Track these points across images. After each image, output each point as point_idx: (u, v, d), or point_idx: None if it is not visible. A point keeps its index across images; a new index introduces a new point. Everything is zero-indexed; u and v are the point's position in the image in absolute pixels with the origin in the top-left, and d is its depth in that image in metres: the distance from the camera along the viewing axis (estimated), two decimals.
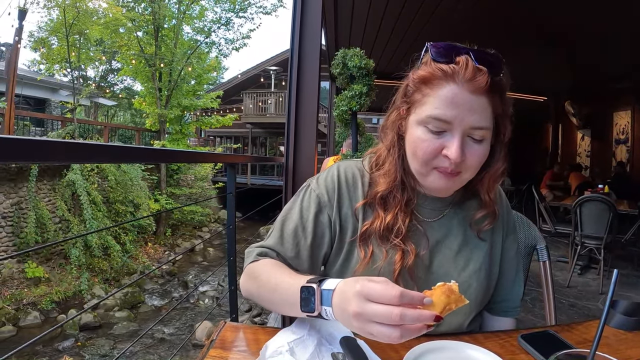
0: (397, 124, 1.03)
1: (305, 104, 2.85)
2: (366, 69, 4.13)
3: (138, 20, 15.16)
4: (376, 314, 0.68)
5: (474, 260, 1.09)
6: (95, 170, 11.85)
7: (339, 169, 1.13)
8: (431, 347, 0.86)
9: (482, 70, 0.89)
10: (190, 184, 16.88)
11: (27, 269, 9.54)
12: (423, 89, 0.94)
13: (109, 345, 8.28)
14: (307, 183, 1.15)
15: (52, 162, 1.07)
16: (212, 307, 10.10)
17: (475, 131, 0.91)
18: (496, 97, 0.92)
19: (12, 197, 9.80)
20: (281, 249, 1.07)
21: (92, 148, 1.20)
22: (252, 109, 21.98)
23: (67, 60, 13.66)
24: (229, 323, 1.04)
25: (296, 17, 2.83)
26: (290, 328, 0.90)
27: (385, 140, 1.08)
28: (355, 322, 0.70)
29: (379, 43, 6.35)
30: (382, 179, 1.07)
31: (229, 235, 2.58)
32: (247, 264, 1.08)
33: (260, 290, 0.99)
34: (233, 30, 17.85)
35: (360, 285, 0.71)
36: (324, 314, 0.78)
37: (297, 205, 1.11)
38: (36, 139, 0.86)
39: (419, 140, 0.94)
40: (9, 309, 8.67)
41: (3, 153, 0.81)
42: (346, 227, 1.08)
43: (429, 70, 0.93)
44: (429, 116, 0.91)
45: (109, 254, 11.34)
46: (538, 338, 0.95)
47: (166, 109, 15.62)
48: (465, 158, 0.91)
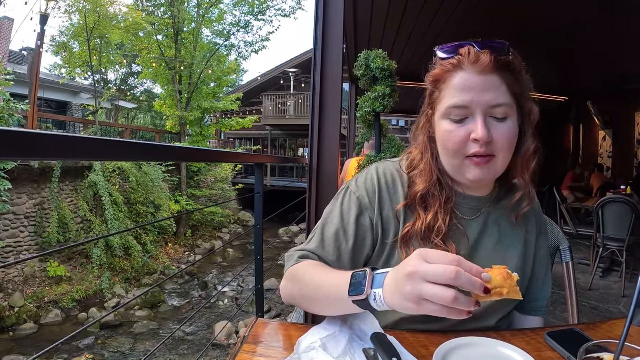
0: (426, 126, 1.08)
1: (329, 105, 2.86)
2: (389, 71, 4.12)
3: (158, 24, 15.36)
4: (432, 271, 0.68)
5: (509, 259, 1.10)
6: (117, 171, 12.02)
7: (378, 170, 1.14)
8: (460, 344, 0.87)
9: (485, 52, 0.93)
10: (210, 185, 17.02)
11: (49, 268, 9.71)
12: (439, 86, 1.00)
13: (129, 343, 8.35)
14: (346, 186, 1.16)
15: (82, 159, 1.05)
16: (242, 304, 10.14)
17: (495, 109, 0.94)
18: (508, 75, 0.95)
19: (35, 197, 9.99)
20: (322, 252, 1.07)
21: (129, 146, 1.17)
22: (271, 111, 22.06)
23: (88, 64, 13.90)
24: (260, 320, 1.06)
25: (318, 20, 2.83)
26: (322, 325, 0.91)
27: (416, 141, 1.12)
28: (409, 284, 0.69)
29: (398, 44, 6.31)
30: (419, 178, 1.08)
31: (256, 235, 2.60)
32: (288, 268, 1.07)
33: (303, 291, 0.98)
34: (252, 33, 17.83)
35: (419, 251, 0.73)
36: (372, 297, 0.76)
37: (338, 209, 1.12)
38: (67, 135, 0.81)
39: (446, 133, 0.98)
40: (30, 306, 8.81)
41: (33, 150, 0.77)
42: (388, 229, 1.09)
43: (439, 68, 1.00)
44: (448, 107, 0.96)
45: (130, 254, 11.46)
46: (564, 335, 0.96)
47: (186, 112, 15.77)
48: (493, 138, 0.93)
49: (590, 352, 0.69)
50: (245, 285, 11.43)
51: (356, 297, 0.78)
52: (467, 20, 5.11)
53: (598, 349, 0.70)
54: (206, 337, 8.70)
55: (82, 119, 16.09)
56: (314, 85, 2.84)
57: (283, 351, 0.90)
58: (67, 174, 10.79)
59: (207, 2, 16.25)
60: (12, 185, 8.36)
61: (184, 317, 9.83)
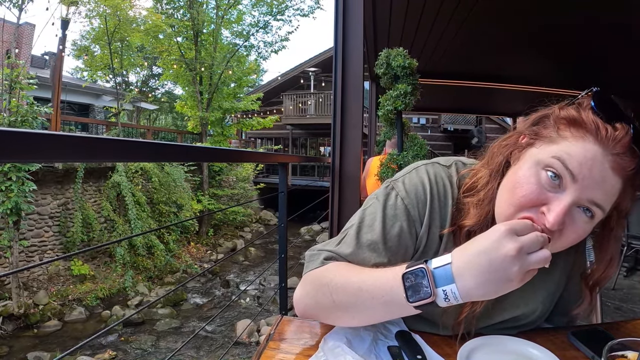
0: (510, 149, 0.88)
1: (350, 104, 2.85)
2: (410, 69, 4.08)
3: (177, 26, 15.56)
4: (531, 241, 0.68)
5: (542, 288, 0.99)
6: (139, 172, 12.19)
7: (429, 175, 0.97)
8: (484, 342, 0.87)
9: (635, 153, 0.76)
10: (232, 185, 17.16)
11: (73, 266, 9.91)
12: (562, 129, 0.79)
13: (151, 341, 8.45)
14: (391, 185, 0.98)
15: (112, 160, 1.05)
16: (264, 303, 10.19)
17: (592, 206, 0.76)
18: (628, 188, 0.78)
19: (59, 198, 10.21)
20: (355, 260, 0.92)
21: (156, 147, 1.13)
22: (292, 110, 22.08)
23: (109, 67, 14.14)
24: (285, 317, 1.05)
25: (338, 19, 2.82)
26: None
27: (491, 162, 0.91)
28: (516, 264, 0.67)
29: (417, 42, 6.22)
30: (474, 209, 0.89)
31: (280, 233, 2.60)
32: (309, 270, 0.94)
33: (335, 295, 0.84)
34: (271, 33, 17.92)
35: (505, 225, 0.70)
36: (442, 296, 0.70)
37: (380, 213, 0.94)
38: (100, 137, 0.79)
39: (524, 179, 0.79)
40: (55, 304, 8.99)
41: (62, 152, 0.74)
42: (430, 247, 0.94)
43: (584, 116, 0.78)
44: (555, 156, 0.76)
45: (152, 253, 11.63)
46: (588, 335, 0.94)
47: (207, 112, 15.92)
48: (563, 227, 0.76)
49: (614, 350, 0.70)
50: (267, 284, 11.46)
51: (421, 302, 0.71)
52: (487, 15, 4.98)
53: (622, 347, 0.71)
54: (228, 335, 8.75)
55: (105, 120, 16.39)
56: (335, 85, 2.84)
57: (308, 348, 0.89)
58: (90, 174, 11.00)
59: (225, 4, 16.38)
60: (37, 186, 8.53)
61: (206, 315, 9.92)
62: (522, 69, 6.26)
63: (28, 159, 0.58)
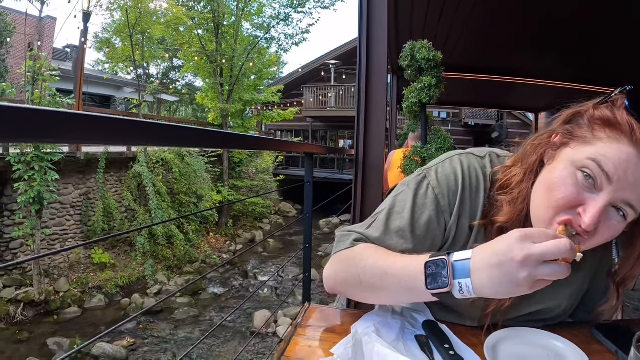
0: (544, 148, 0.88)
1: (374, 96, 2.84)
2: (434, 61, 4.06)
3: (198, 19, 15.60)
4: (547, 251, 0.67)
5: (569, 283, 0.96)
6: (160, 162, 12.34)
7: (462, 165, 0.96)
8: (510, 334, 0.89)
9: None
10: (251, 176, 17.24)
11: (93, 255, 10.10)
12: (597, 130, 0.79)
13: (169, 329, 8.57)
14: (423, 173, 0.99)
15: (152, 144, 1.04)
16: (281, 294, 10.24)
17: (625, 207, 0.76)
18: None
19: (81, 187, 10.41)
20: (382, 244, 0.94)
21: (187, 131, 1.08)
22: (312, 102, 22.04)
23: (131, 59, 14.26)
24: (312, 305, 1.08)
25: (362, 11, 2.80)
26: (375, 312, 0.93)
27: (525, 160, 0.91)
28: (524, 270, 0.67)
29: (440, 36, 6.16)
30: (507, 207, 0.89)
31: (306, 223, 2.60)
32: (338, 250, 0.97)
33: (362, 276, 0.88)
34: (292, 25, 17.87)
35: (519, 231, 0.70)
36: (458, 288, 0.73)
37: (410, 201, 0.95)
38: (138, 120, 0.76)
39: (561, 181, 0.79)
40: (75, 291, 9.20)
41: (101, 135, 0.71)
42: (459, 238, 0.95)
43: (618, 117, 0.78)
44: (590, 158, 0.77)
45: (172, 243, 11.78)
46: (611, 329, 0.94)
47: (228, 104, 15.98)
48: (598, 227, 0.77)
49: None
50: (285, 275, 11.52)
51: (438, 290, 0.74)
52: (509, 7, 4.85)
53: None
54: (245, 324, 8.82)
55: (126, 112, 16.61)
56: (359, 77, 2.83)
57: (336, 335, 0.91)
58: (111, 165, 11.19)
59: None
60: (59, 175, 8.69)
61: (224, 305, 10.02)
62: (544, 63, 6.10)
63: (57, 140, 0.57)
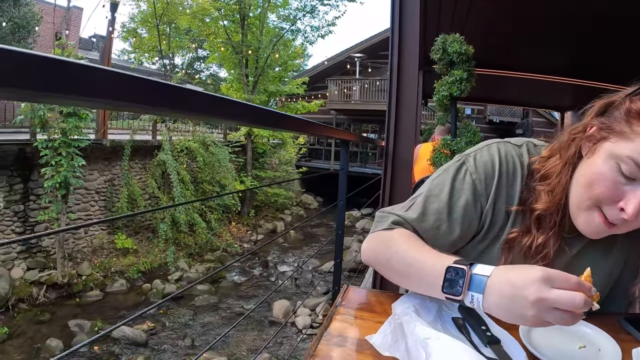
0: (582, 142, 0.90)
1: (405, 91, 2.90)
2: (466, 55, 4.11)
3: (224, 10, 15.66)
4: (560, 300, 0.67)
5: (600, 267, 0.97)
6: (185, 151, 12.45)
7: (500, 152, 0.99)
8: None
9: None
10: (274, 167, 17.32)
11: (116, 240, 10.32)
12: (635, 124, 0.80)
13: (189, 315, 8.71)
14: (461, 159, 1.02)
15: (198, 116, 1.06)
16: (301, 284, 10.29)
17: None
18: None
19: (106, 174, 10.61)
20: (420, 226, 0.98)
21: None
22: (336, 95, 21.94)
23: (157, 49, 14.41)
24: (351, 286, 1.09)
25: (395, 6, 2.82)
26: (412, 293, 0.94)
27: (563, 152, 0.92)
28: (533, 310, 0.68)
29: (467, 31, 6.07)
30: (544, 195, 0.92)
31: (339, 210, 2.65)
32: (377, 229, 1.01)
33: (392, 260, 0.93)
34: (318, 17, 17.79)
35: (542, 271, 0.69)
36: (469, 299, 0.75)
37: (448, 185, 0.99)
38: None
39: (601, 176, 0.82)
40: (97, 275, 9.43)
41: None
42: (496, 222, 0.98)
43: None
44: (630, 157, 0.78)
45: (194, 231, 11.90)
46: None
47: (253, 95, 16.03)
48: (638, 218, 0.79)
49: None
50: (305, 266, 11.57)
51: (450, 296, 0.76)
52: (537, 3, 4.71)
53: None
54: (263, 314, 8.90)
55: None
56: (391, 70, 2.89)
57: (375, 315, 0.94)
58: (136, 152, 11.37)
59: None
60: (86, 162, 8.86)
61: (244, 293, 10.12)
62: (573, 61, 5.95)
63: (85, 96, 0.54)
